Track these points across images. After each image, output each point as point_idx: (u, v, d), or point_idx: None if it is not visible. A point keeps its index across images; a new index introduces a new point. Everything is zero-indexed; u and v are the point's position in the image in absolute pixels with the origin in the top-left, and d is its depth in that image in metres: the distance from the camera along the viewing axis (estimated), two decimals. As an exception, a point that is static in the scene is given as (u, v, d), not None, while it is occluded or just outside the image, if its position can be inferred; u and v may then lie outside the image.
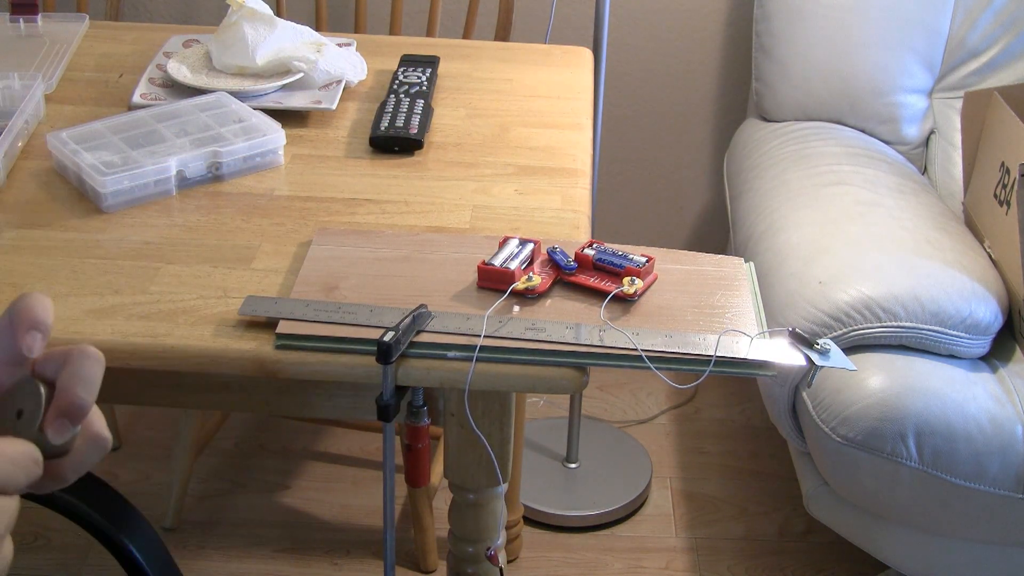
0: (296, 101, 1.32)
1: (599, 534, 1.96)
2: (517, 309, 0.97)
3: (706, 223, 2.41)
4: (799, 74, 1.98)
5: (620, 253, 1.01)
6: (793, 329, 0.94)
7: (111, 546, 0.97)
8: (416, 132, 1.25)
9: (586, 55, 1.53)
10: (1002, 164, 1.63)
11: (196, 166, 1.17)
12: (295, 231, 1.10)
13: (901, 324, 1.48)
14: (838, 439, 1.45)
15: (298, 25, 1.41)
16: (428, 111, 1.31)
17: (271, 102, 1.32)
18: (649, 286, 1.00)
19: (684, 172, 2.36)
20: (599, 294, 0.98)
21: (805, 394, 1.51)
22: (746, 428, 2.21)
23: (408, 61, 1.43)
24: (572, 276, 1.00)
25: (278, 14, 1.74)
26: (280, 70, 1.36)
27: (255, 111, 1.25)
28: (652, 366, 0.91)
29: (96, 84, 1.38)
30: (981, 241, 1.69)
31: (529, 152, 1.27)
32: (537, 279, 0.98)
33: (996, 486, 1.43)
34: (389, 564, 1.03)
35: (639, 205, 2.39)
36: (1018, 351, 1.57)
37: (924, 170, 2.00)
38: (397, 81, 1.37)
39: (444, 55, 1.47)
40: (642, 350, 0.92)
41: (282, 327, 0.93)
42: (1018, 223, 1.52)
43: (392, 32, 1.88)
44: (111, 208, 1.12)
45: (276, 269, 1.03)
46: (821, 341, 0.94)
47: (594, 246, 1.03)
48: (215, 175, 1.18)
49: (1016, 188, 1.53)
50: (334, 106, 1.31)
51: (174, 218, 1.12)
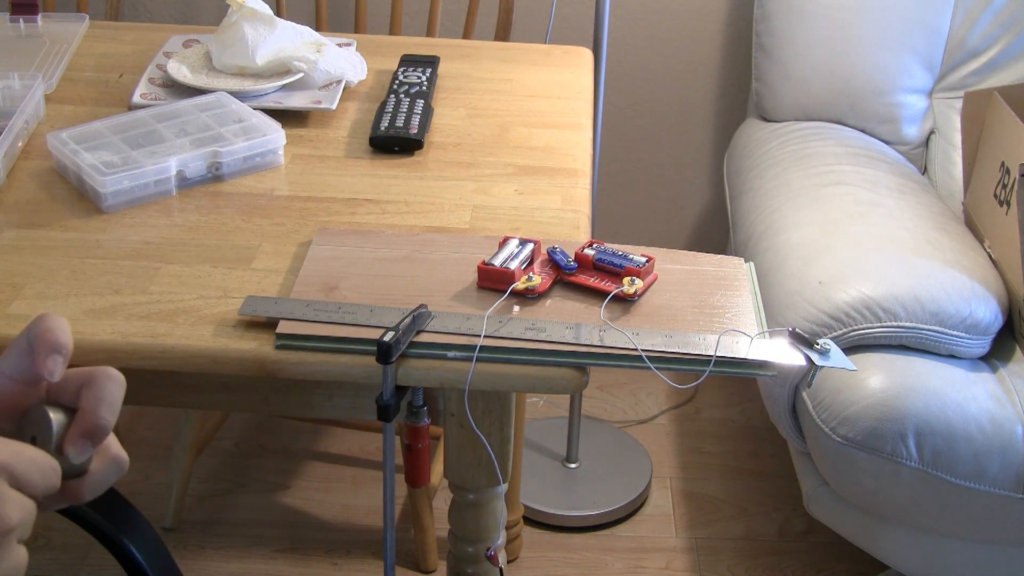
0: (296, 101, 1.32)
1: (599, 534, 1.96)
2: (517, 309, 0.97)
3: (706, 223, 2.41)
4: (799, 74, 1.98)
5: (620, 253, 1.01)
6: (793, 329, 0.94)
7: (111, 546, 0.97)
8: (416, 132, 1.25)
9: (586, 55, 1.53)
10: (1002, 164, 1.63)
11: (196, 166, 1.17)
12: (295, 231, 1.10)
13: (901, 324, 1.48)
14: (838, 439, 1.45)
15: (298, 25, 1.41)
16: (428, 111, 1.31)
17: (271, 102, 1.32)
18: (649, 286, 1.00)
19: (684, 172, 2.36)
20: (599, 294, 0.98)
21: (805, 394, 1.51)
22: (746, 428, 2.21)
23: (408, 61, 1.43)
24: (572, 276, 1.00)
25: (278, 14, 1.74)
26: (280, 70, 1.36)
27: (255, 111, 1.25)
28: (652, 366, 0.91)
29: (96, 84, 1.38)
30: (981, 241, 1.69)
31: (529, 152, 1.27)
32: (537, 279, 0.98)
33: (996, 486, 1.43)
34: (389, 564, 1.03)
35: (639, 205, 2.39)
36: (1018, 351, 1.57)
37: (924, 170, 2.00)
38: (397, 81, 1.37)
39: (444, 55, 1.47)
40: (642, 350, 0.92)
41: (282, 327, 0.93)
42: (1018, 223, 1.52)
43: (392, 32, 1.88)
44: (111, 208, 1.12)
45: (276, 269, 1.03)
46: (821, 341, 0.94)
47: (594, 246, 1.03)
48: (215, 175, 1.18)
49: (1016, 188, 1.53)
50: (334, 106, 1.31)
51: (174, 218, 1.12)
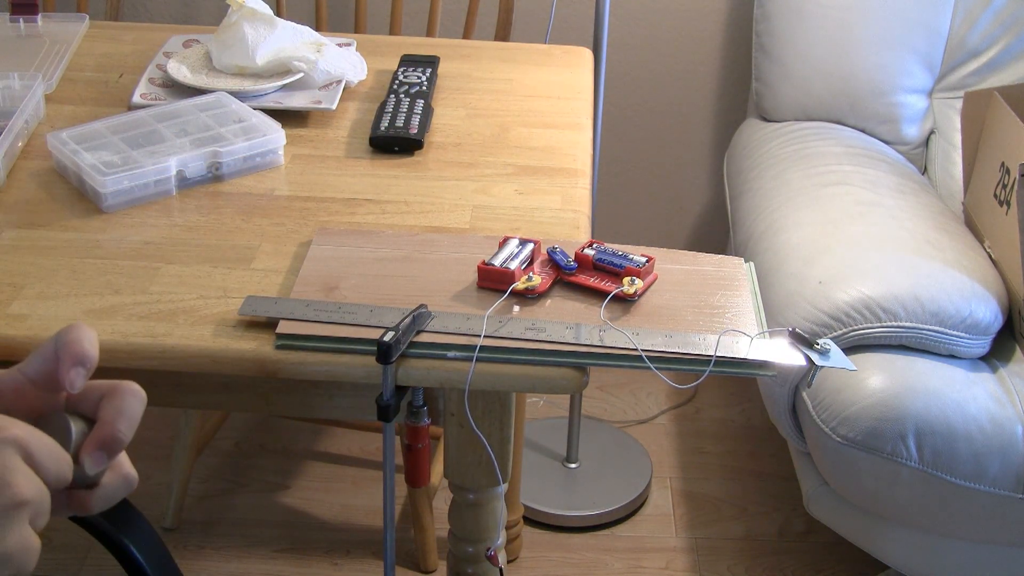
0: (296, 101, 1.32)
1: (599, 534, 1.96)
2: (517, 309, 0.97)
3: (706, 223, 2.41)
4: (799, 74, 1.98)
5: (620, 253, 1.01)
6: (793, 329, 0.94)
7: (111, 546, 0.97)
8: (416, 132, 1.25)
9: (586, 55, 1.53)
10: (1002, 164, 1.63)
11: (196, 166, 1.17)
12: (295, 231, 1.10)
13: (901, 324, 1.48)
14: (838, 439, 1.45)
15: (298, 25, 1.41)
16: (428, 111, 1.31)
17: (271, 102, 1.32)
18: (649, 286, 1.00)
19: (684, 172, 2.36)
20: (599, 294, 0.98)
21: (805, 394, 1.51)
22: (746, 428, 2.21)
23: (408, 61, 1.43)
24: (572, 276, 1.00)
25: (278, 14, 1.74)
26: (280, 70, 1.36)
27: (255, 111, 1.25)
28: (652, 366, 0.91)
29: (96, 84, 1.38)
30: (981, 241, 1.69)
31: (529, 152, 1.27)
32: (537, 279, 0.98)
33: (996, 486, 1.43)
34: (389, 564, 1.03)
35: (639, 205, 2.39)
36: (1018, 351, 1.57)
37: (924, 170, 2.00)
38: (397, 81, 1.37)
39: (444, 55, 1.47)
40: (642, 350, 0.92)
41: (282, 327, 0.93)
42: (1018, 223, 1.52)
43: (392, 32, 1.88)
44: (111, 208, 1.12)
45: (276, 269, 1.03)
46: (821, 341, 0.94)
47: (594, 246, 1.03)
48: (215, 175, 1.18)
49: (1016, 188, 1.53)
50: (334, 106, 1.31)
51: (174, 218, 1.12)
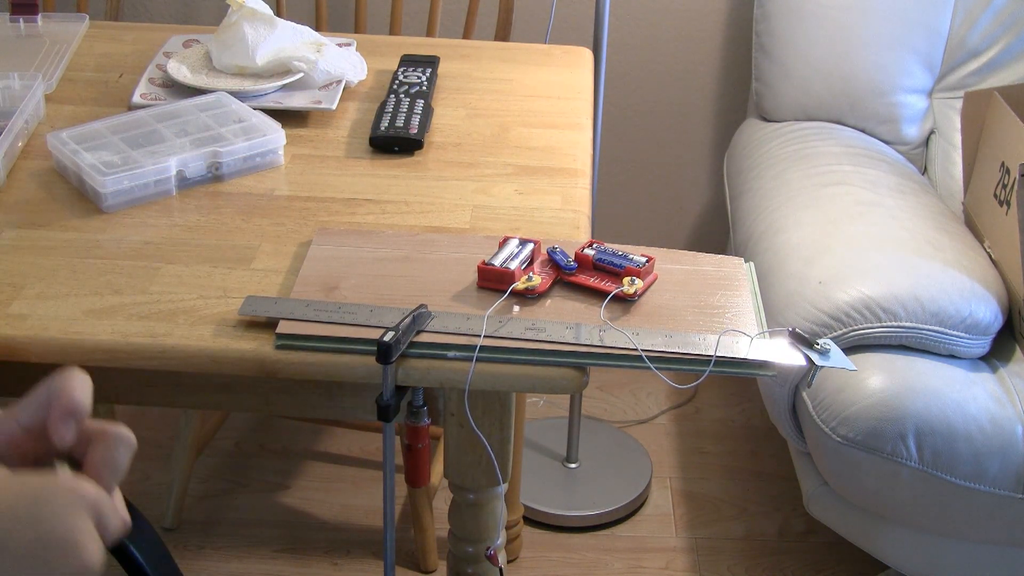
0: (296, 101, 1.32)
1: (599, 534, 1.96)
2: (517, 309, 0.97)
3: (706, 223, 2.41)
4: (799, 74, 1.98)
5: (620, 253, 1.01)
6: (793, 329, 0.94)
7: (112, 546, 0.97)
8: (416, 132, 1.25)
9: (586, 55, 1.53)
10: (1002, 164, 1.63)
11: (196, 166, 1.17)
12: (295, 231, 1.10)
13: (901, 324, 1.48)
14: (838, 439, 1.45)
15: (298, 25, 1.41)
16: (428, 111, 1.31)
17: (271, 102, 1.32)
18: (649, 286, 1.00)
19: (684, 172, 2.36)
20: (599, 294, 0.98)
21: (805, 394, 1.51)
22: (746, 428, 2.21)
23: (408, 61, 1.43)
24: (572, 276, 1.00)
25: (278, 14, 1.74)
26: (280, 70, 1.36)
27: (255, 111, 1.25)
28: (652, 366, 0.91)
29: (96, 84, 1.38)
30: (981, 241, 1.69)
31: (529, 152, 1.27)
32: (537, 279, 0.98)
33: (996, 486, 1.43)
34: (389, 564, 1.03)
35: (639, 205, 2.39)
36: (1018, 351, 1.57)
37: (924, 170, 2.00)
38: (397, 81, 1.37)
39: (444, 55, 1.47)
40: (642, 350, 0.92)
41: (282, 327, 0.93)
42: (1018, 223, 1.52)
43: (392, 32, 1.88)
44: (111, 208, 1.12)
45: (276, 269, 1.03)
46: (821, 341, 0.94)
47: (594, 246, 1.03)
48: (215, 175, 1.18)
49: (1016, 188, 1.53)
50: (334, 106, 1.31)
51: (174, 218, 1.12)
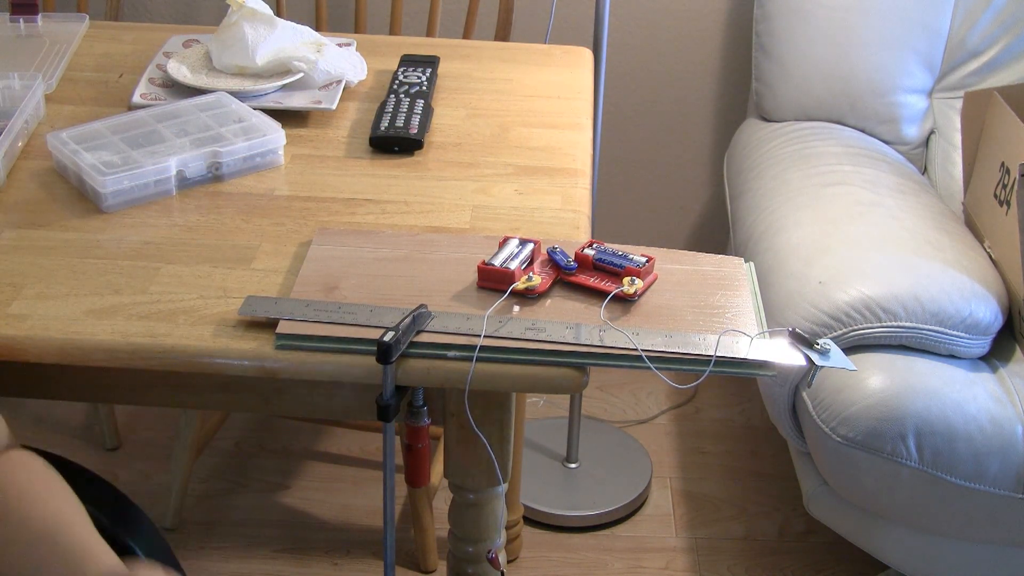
0: (296, 101, 1.32)
1: (599, 534, 1.96)
2: (517, 309, 0.97)
3: (706, 223, 2.41)
4: (799, 74, 1.98)
5: (620, 253, 1.02)
6: (793, 329, 0.94)
7: (116, 547, 0.97)
8: (416, 132, 1.25)
9: (586, 55, 1.53)
10: (1002, 164, 1.63)
11: (196, 166, 1.17)
12: (295, 231, 1.10)
13: (901, 324, 1.48)
14: (838, 439, 1.45)
15: (298, 25, 1.41)
16: (428, 111, 1.31)
17: (271, 102, 1.32)
18: (649, 286, 1.00)
19: (684, 172, 2.36)
20: (599, 294, 0.98)
21: (805, 394, 1.51)
22: (746, 428, 2.21)
23: (408, 61, 1.43)
24: (572, 276, 1.00)
25: (278, 14, 1.74)
26: (280, 70, 1.36)
27: (255, 111, 1.25)
28: (652, 366, 0.91)
29: (96, 84, 1.38)
30: (981, 241, 1.69)
31: (529, 152, 1.27)
32: (537, 279, 0.98)
33: (996, 486, 1.43)
34: (389, 564, 1.03)
35: (639, 205, 2.39)
36: (1018, 351, 1.57)
37: (924, 170, 2.00)
38: (397, 81, 1.37)
39: (444, 55, 1.47)
40: (642, 350, 0.92)
41: (282, 327, 0.93)
42: (1018, 223, 1.52)
43: (392, 32, 1.87)
44: (111, 208, 1.12)
45: (276, 269, 1.03)
46: (821, 341, 0.94)
47: (594, 246, 1.03)
48: (215, 175, 1.18)
49: (1016, 188, 1.53)
50: (334, 106, 1.31)
51: (174, 218, 1.12)
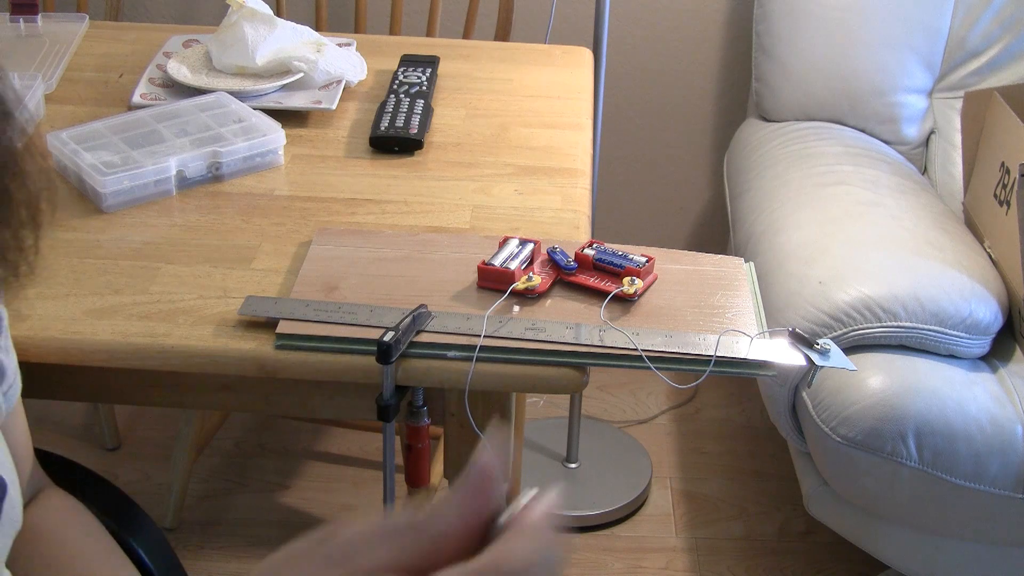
0: (296, 101, 1.32)
1: (599, 534, 1.96)
2: (517, 309, 0.97)
3: (706, 223, 2.41)
4: (799, 74, 1.98)
5: (620, 253, 1.01)
6: (793, 329, 0.94)
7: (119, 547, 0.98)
8: (416, 132, 1.25)
9: (586, 55, 1.53)
10: (1002, 164, 1.63)
11: (196, 166, 1.17)
12: (295, 231, 1.10)
13: (901, 324, 1.48)
14: (838, 439, 1.45)
15: (298, 25, 1.41)
16: (428, 111, 1.31)
17: (271, 102, 1.32)
18: (649, 286, 1.00)
19: (684, 172, 2.36)
20: (599, 294, 0.98)
21: (805, 394, 1.51)
22: (746, 428, 2.21)
23: (408, 61, 1.43)
24: (572, 276, 1.00)
25: (278, 14, 1.74)
26: (280, 70, 1.36)
27: (255, 111, 1.25)
28: (652, 366, 0.91)
29: (96, 84, 1.38)
30: (981, 241, 1.69)
31: (529, 152, 1.27)
32: (537, 279, 0.98)
33: (996, 486, 1.43)
34: (389, 564, 1.02)
35: (639, 205, 2.39)
36: (1018, 351, 1.57)
37: (924, 170, 2.00)
38: (397, 81, 1.37)
39: (444, 55, 1.47)
40: (642, 350, 0.92)
41: (282, 327, 0.93)
42: (1018, 223, 1.52)
43: (392, 32, 1.87)
44: (111, 208, 1.12)
45: (276, 269, 1.03)
46: (821, 341, 0.94)
47: (594, 246, 1.03)
48: (215, 175, 1.18)
49: (1016, 188, 1.53)
50: (334, 106, 1.31)
51: (174, 218, 1.12)
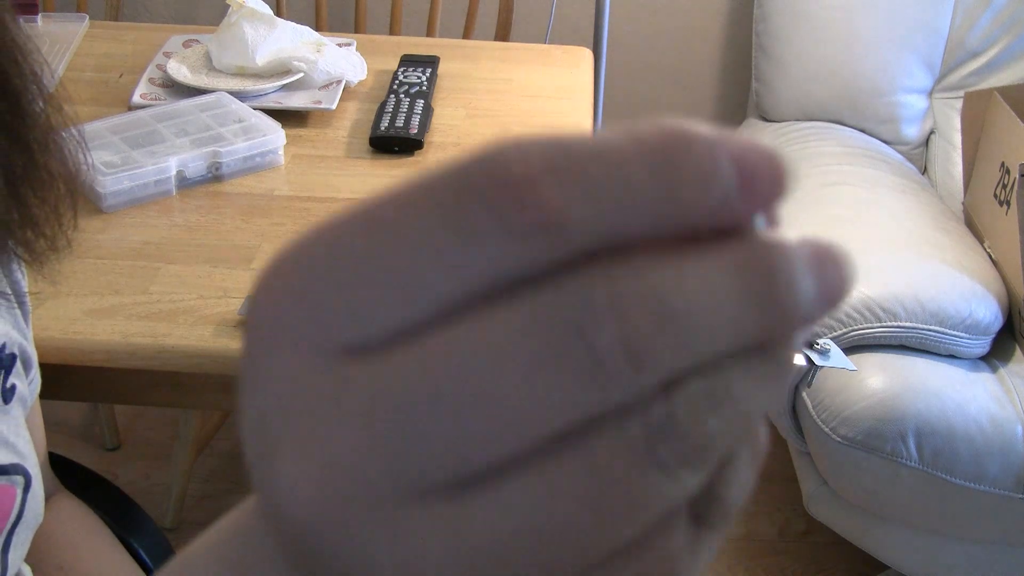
0: (296, 101, 1.32)
1: (599, 534, 1.95)
2: (517, 309, 0.96)
3: (706, 223, 2.41)
4: (799, 74, 1.98)
5: (620, 253, 1.01)
6: (793, 329, 0.94)
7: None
8: (416, 132, 1.25)
9: (586, 55, 1.53)
10: (1002, 164, 1.63)
11: (196, 166, 1.17)
12: (295, 231, 1.09)
13: (901, 324, 1.48)
14: (838, 439, 1.45)
15: (298, 25, 1.41)
16: (428, 111, 1.31)
17: (271, 102, 1.31)
18: (649, 286, 1.00)
19: (684, 172, 2.36)
20: (599, 294, 0.98)
21: (805, 394, 1.51)
22: (746, 428, 2.21)
23: (408, 61, 1.43)
24: (572, 276, 1.00)
25: (278, 14, 1.73)
26: (280, 70, 1.36)
27: (255, 111, 1.25)
28: (652, 366, 0.91)
29: (96, 84, 1.38)
30: (981, 241, 1.69)
31: (529, 152, 1.26)
32: (537, 279, 0.98)
33: (996, 486, 1.43)
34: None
35: (639, 205, 2.39)
36: (1018, 351, 1.57)
37: (924, 170, 2.00)
38: (397, 81, 1.37)
39: (444, 55, 1.47)
40: (642, 350, 0.91)
41: (282, 327, 0.93)
42: (1018, 223, 1.52)
43: (392, 32, 1.87)
44: (111, 208, 1.12)
45: (276, 269, 1.03)
46: (821, 341, 0.93)
47: (594, 246, 1.02)
48: (215, 175, 1.18)
49: (1016, 188, 1.53)
50: (334, 106, 1.31)
51: (174, 218, 1.12)
